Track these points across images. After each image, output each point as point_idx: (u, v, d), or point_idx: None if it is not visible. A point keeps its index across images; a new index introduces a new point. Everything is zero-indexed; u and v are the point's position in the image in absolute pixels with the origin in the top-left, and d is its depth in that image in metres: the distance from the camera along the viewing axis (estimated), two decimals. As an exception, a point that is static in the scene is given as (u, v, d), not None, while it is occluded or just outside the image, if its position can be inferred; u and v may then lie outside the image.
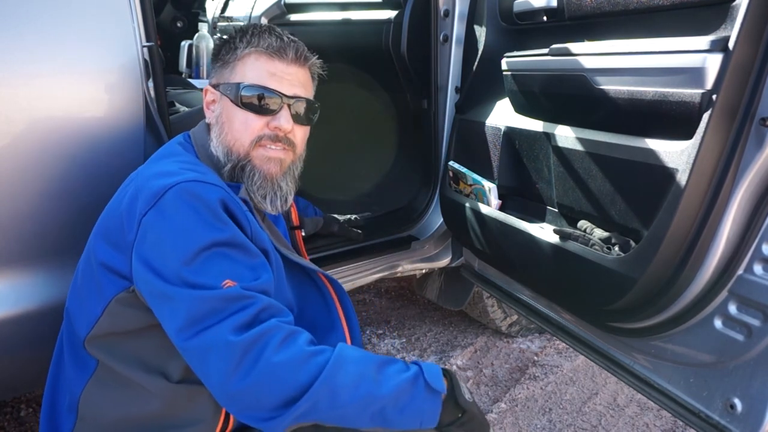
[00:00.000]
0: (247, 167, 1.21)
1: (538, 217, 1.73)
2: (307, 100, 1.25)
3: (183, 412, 1.14)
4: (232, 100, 1.21)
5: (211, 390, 1.00)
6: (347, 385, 0.97)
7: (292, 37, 1.26)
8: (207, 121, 1.28)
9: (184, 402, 1.13)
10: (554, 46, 1.52)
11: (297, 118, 1.23)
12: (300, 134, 1.26)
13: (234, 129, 1.21)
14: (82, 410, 1.14)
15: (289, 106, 1.21)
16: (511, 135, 1.75)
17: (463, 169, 1.93)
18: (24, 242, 1.35)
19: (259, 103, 1.20)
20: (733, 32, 1.12)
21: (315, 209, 1.95)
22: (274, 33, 1.23)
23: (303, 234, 1.64)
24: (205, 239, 1.01)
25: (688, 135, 1.19)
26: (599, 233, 1.44)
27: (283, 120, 1.21)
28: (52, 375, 1.21)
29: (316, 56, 1.29)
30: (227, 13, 3.30)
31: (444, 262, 2.29)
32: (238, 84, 1.20)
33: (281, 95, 1.21)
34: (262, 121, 1.21)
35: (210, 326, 0.97)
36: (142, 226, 1.03)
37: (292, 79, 1.23)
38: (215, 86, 1.26)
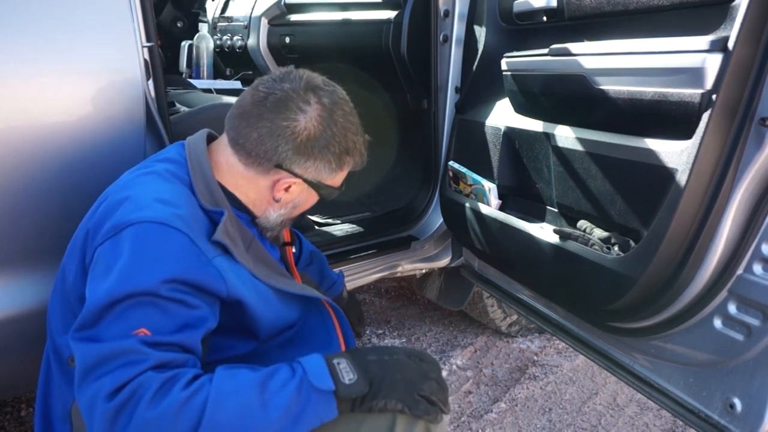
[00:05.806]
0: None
1: (538, 217, 1.73)
2: None
3: None
4: (320, 195, 1.23)
5: None
6: (233, 423, 0.92)
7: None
8: (275, 198, 1.19)
9: None
10: (554, 46, 1.52)
11: None
12: None
13: (298, 211, 1.26)
14: (76, 420, 1.13)
15: None
16: (511, 135, 1.75)
17: (463, 169, 1.93)
18: (24, 242, 1.36)
19: None
20: (732, 32, 1.13)
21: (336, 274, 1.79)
22: (365, 151, 1.23)
23: (294, 250, 1.58)
24: (142, 287, 0.96)
25: (687, 135, 1.19)
26: (599, 233, 1.44)
27: None
28: (42, 386, 1.20)
29: None
30: (227, 13, 3.30)
31: (444, 262, 2.29)
32: (335, 189, 1.23)
33: None
34: None
35: (95, 380, 0.92)
36: (96, 255, 1.03)
37: None
38: (306, 179, 1.17)
